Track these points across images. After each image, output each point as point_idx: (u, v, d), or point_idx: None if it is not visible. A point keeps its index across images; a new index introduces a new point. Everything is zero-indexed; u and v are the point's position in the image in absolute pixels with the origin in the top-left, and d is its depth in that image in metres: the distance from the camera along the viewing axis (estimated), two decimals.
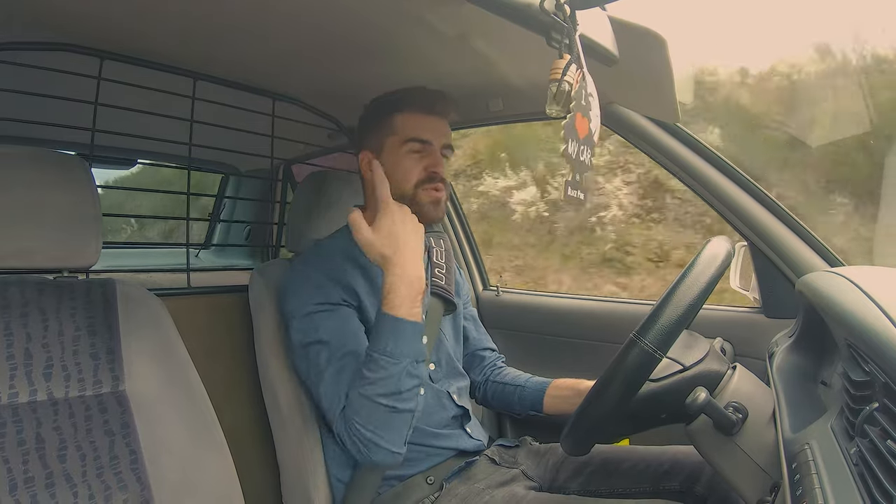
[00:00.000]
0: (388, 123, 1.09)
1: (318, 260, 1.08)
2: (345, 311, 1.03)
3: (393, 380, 0.89)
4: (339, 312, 1.03)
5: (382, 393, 0.89)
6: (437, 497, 1.04)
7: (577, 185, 0.72)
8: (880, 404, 0.53)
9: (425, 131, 1.08)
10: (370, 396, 0.90)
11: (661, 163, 1.24)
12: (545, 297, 1.73)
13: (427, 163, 1.08)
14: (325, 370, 0.99)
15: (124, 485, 0.82)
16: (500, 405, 1.30)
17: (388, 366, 0.89)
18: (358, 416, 0.91)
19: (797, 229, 1.16)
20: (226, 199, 2.34)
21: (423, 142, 1.07)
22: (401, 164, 1.07)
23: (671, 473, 1.03)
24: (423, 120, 1.08)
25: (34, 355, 0.82)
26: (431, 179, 1.07)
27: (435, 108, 1.09)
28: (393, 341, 0.90)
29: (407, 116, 1.08)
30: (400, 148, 1.08)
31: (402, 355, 0.90)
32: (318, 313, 1.02)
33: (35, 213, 0.83)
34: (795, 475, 0.57)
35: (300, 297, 1.04)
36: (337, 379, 0.97)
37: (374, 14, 0.92)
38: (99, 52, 1.09)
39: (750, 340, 1.24)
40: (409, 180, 1.07)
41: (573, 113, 0.67)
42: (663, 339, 0.78)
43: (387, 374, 0.89)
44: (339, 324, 1.02)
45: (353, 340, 1.00)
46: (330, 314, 1.02)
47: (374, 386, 0.90)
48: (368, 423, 0.90)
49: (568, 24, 0.67)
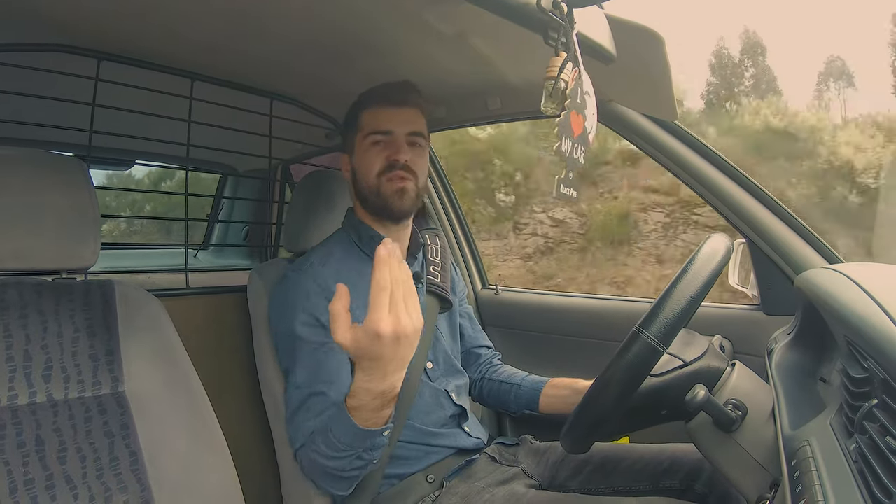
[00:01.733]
0: (356, 123, 1.12)
1: (310, 276, 1.06)
2: (327, 343, 0.99)
3: (342, 461, 0.88)
4: (320, 346, 1.01)
5: (332, 466, 0.90)
6: (438, 495, 1.04)
7: (570, 182, 0.72)
8: (879, 401, 0.53)
9: (385, 122, 1.09)
10: (319, 463, 0.91)
11: (659, 161, 1.24)
12: (544, 295, 1.73)
13: (388, 152, 1.09)
14: (291, 399, 1.01)
15: (124, 486, 0.81)
16: (496, 403, 1.30)
17: (339, 451, 0.87)
18: (308, 468, 0.96)
19: (796, 226, 1.16)
20: (224, 200, 2.33)
21: (383, 133, 1.09)
22: (364, 158, 1.10)
23: (671, 471, 1.03)
24: (383, 112, 1.10)
25: (33, 357, 0.81)
26: (392, 167, 1.08)
27: (393, 97, 1.10)
28: (348, 437, 0.85)
29: (370, 112, 1.10)
30: (364, 143, 1.10)
31: (355, 448, 0.87)
32: (299, 342, 1.02)
33: (33, 214, 0.82)
34: (795, 472, 0.57)
35: (286, 316, 1.04)
36: (299, 415, 0.99)
37: (372, 13, 0.92)
38: (96, 53, 1.08)
39: (749, 338, 1.24)
40: (371, 171, 1.09)
41: (568, 111, 0.67)
42: (666, 333, 0.78)
43: (337, 455, 0.88)
44: (315, 361, 1.00)
45: (324, 381, 0.98)
46: (311, 348, 1.01)
47: (324, 458, 0.90)
48: (315, 475, 0.95)
49: (565, 22, 0.67)
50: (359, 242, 1.13)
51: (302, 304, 1.03)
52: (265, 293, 1.15)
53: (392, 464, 1.04)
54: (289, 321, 1.03)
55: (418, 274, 1.17)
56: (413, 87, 1.11)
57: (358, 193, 1.13)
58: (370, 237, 1.12)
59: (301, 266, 1.09)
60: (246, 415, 1.20)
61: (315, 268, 1.07)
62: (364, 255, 1.12)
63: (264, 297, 1.14)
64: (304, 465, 0.97)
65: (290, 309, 1.03)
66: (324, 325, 1.01)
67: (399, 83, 1.10)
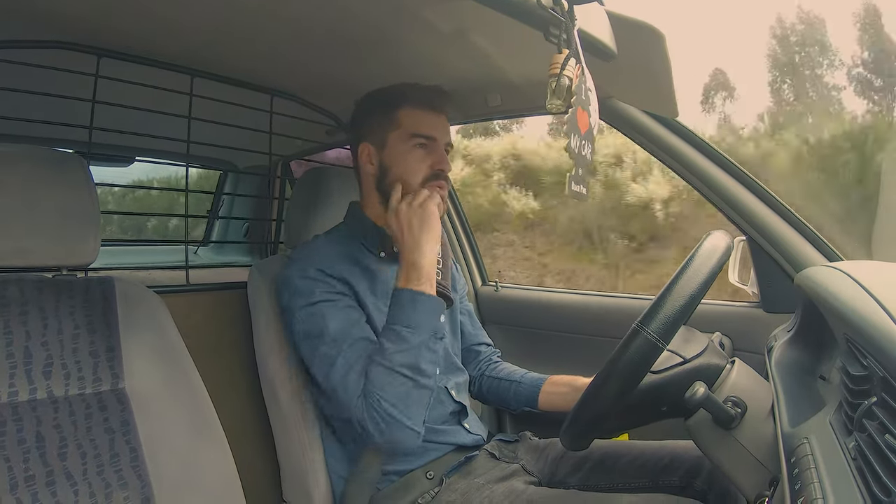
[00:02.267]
0: (392, 118, 1.09)
1: (316, 255, 1.07)
2: (346, 300, 1.04)
3: (413, 351, 0.92)
4: (341, 302, 1.03)
5: (404, 363, 0.92)
6: (438, 492, 1.04)
7: (580, 179, 0.71)
8: (878, 399, 0.53)
9: (431, 128, 1.08)
10: (392, 367, 0.92)
11: (659, 157, 1.24)
12: (544, 292, 1.73)
13: (433, 160, 1.08)
14: (336, 359, 0.98)
15: (125, 482, 0.82)
16: (495, 400, 1.30)
17: (410, 337, 0.92)
18: (380, 391, 0.92)
19: (796, 224, 1.16)
20: (224, 196, 2.33)
21: (428, 138, 1.08)
22: (406, 159, 1.08)
23: (670, 468, 1.03)
24: (427, 116, 1.09)
25: (34, 354, 0.82)
26: (437, 177, 1.08)
27: (438, 104, 1.10)
28: (413, 313, 0.94)
29: (411, 112, 1.08)
30: (405, 143, 1.08)
31: (422, 327, 0.93)
32: (320, 303, 1.02)
33: (33, 211, 0.82)
34: (794, 469, 0.57)
35: (300, 289, 1.03)
36: (350, 366, 0.97)
37: (373, 9, 0.92)
38: (96, 50, 1.08)
39: (749, 335, 1.24)
40: (415, 177, 1.07)
41: (574, 107, 0.67)
42: (666, 329, 0.78)
43: (408, 346, 0.92)
44: (343, 313, 1.02)
45: (359, 328, 1.01)
46: (333, 304, 1.02)
47: (395, 356, 0.92)
48: (391, 396, 0.92)
49: (566, 18, 0.66)
50: (363, 238, 1.13)
51: (314, 277, 1.03)
52: (265, 289, 1.15)
53: (392, 460, 1.04)
54: (305, 294, 1.03)
55: None
56: (450, 97, 1.12)
57: (384, 190, 1.10)
58: (375, 232, 1.12)
59: (305, 249, 1.09)
60: (246, 411, 1.21)
61: (321, 252, 1.08)
62: (366, 251, 1.12)
63: (265, 294, 1.15)
64: (375, 393, 0.92)
65: (306, 283, 1.03)
66: (340, 292, 1.04)
67: (439, 90, 1.10)
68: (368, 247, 1.12)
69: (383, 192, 1.10)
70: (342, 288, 1.04)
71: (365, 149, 1.12)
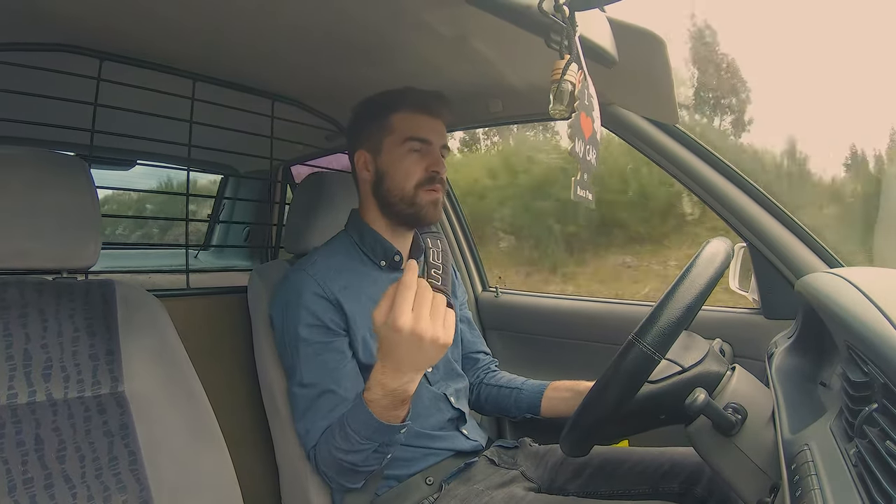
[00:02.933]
0: (386, 123, 1.09)
1: (310, 279, 1.06)
2: (328, 344, 1.03)
3: (361, 455, 0.93)
4: (322, 346, 1.02)
5: (350, 461, 0.94)
6: (437, 498, 1.04)
7: (585, 184, 0.71)
8: (879, 405, 0.53)
9: (425, 131, 1.08)
10: (337, 458, 0.94)
11: (660, 164, 1.24)
12: (544, 298, 1.73)
13: (428, 163, 1.08)
14: (298, 399, 1.03)
15: (123, 486, 0.81)
16: (494, 408, 1.29)
17: (357, 444, 0.92)
18: (323, 464, 0.99)
19: (796, 230, 1.16)
20: (225, 200, 2.33)
21: (423, 141, 1.08)
22: (401, 163, 1.07)
23: (670, 475, 1.03)
24: (421, 119, 1.08)
25: (33, 356, 0.82)
26: (432, 180, 1.07)
27: (433, 108, 1.09)
28: (367, 430, 0.90)
29: (405, 116, 1.08)
30: (399, 147, 1.08)
31: (373, 441, 0.91)
32: (301, 343, 1.02)
33: (34, 213, 0.83)
34: (795, 476, 0.57)
35: (288, 318, 1.05)
36: (309, 414, 1.01)
37: (374, 15, 0.92)
38: (98, 53, 1.09)
39: (749, 341, 1.24)
40: (410, 181, 1.07)
41: (577, 112, 0.67)
42: (662, 341, 0.78)
43: (354, 449, 0.92)
44: (319, 361, 1.02)
45: (331, 379, 1.01)
46: (312, 347, 1.02)
47: (342, 453, 0.94)
48: (331, 470, 0.98)
49: (567, 24, 0.67)
50: (362, 245, 1.13)
51: (305, 305, 1.03)
52: (266, 294, 1.15)
53: (391, 465, 1.04)
54: (292, 322, 1.03)
55: None
56: (447, 100, 1.11)
57: (381, 197, 1.10)
58: (375, 240, 1.12)
59: (303, 266, 1.08)
60: (245, 415, 1.20)
61: (317, 268, 1.07)
62: (367, 259, 1.12)
63: (265, 298, 1.14)
64: (320, 462, 0.99)
65: (293, 309, 1.04)
66: (326, 326, 1.02)
67: (434, 93, 1.10)
68: (369, 255, 1.12)
69: (380, 199, 1.11)
70: (329, 321, 1.03)
71: (361, 156, 1.12)
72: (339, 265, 1.09)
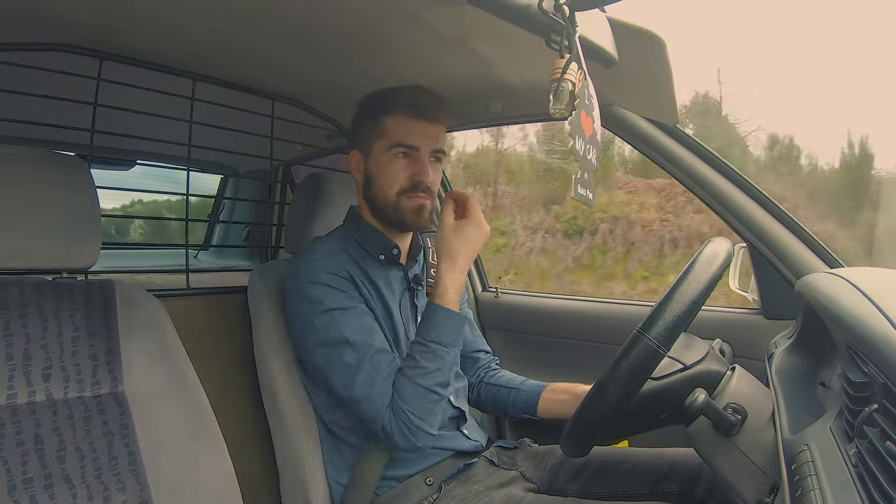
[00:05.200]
0: (378, 125, 1.07)
1: (322, 258, 1.06)
2: (360, 307, 1.04)
3: (446, 370, 0.96)
4: (355, 310, 1.03)
5: (437, 382, 0.96)
6: (436, 499, 1.04)
7: (586, 184, 0.71)
8: (879, 406, 0.53)
9: (413, 137, 1.06)
10: (426, 386, 0.95)
11: (660, 164, 1.24)
12: (544, 298, 1.73)
13: (413, 171, 1.06)
14: (359, 369, 0.98)
15: (123, 485, 0.81)
16: (493, 407, 1.29)
17: (444, 355, 0.96)
18: (408, 405, 0.96)
19: (796, 231, 1.16)
20: (225, 200, 2.33)
21: (410, 147, 1.06)
22: (387, 169, 1.07)
23: (670, 475, 1.03)
24: (412, 124, 1.06)
25: (33, 356, 0.82)
26: (415, 188, 1.06)
27: (428, 112, 1.06)
28: (447, 331, 0.97)
29: (396, 119, 1.06)
30: (387, 152, 1.06)
31: (454, 344, 0.97)
32: (334, 311, 1.01)
33: (34, 213, 0.83)
34: (795, 476, 0.57)
35: (312, 297, 1.02)
36: (375, 377, 0.98)
37: (374, 15, 0.92)
38: (98, 53, 1.09)
39: (749, 342, 1.24)
40: (392, 187, 1.06)
41: (578, 111, 0.67)
42: (667, 335, 0.78)
43: (442, 364, 0.96)
44: (359, 321, 1.02)
45: (377, 337, 1.02)
46: (347, 312, 1.01)
47: (430, 376, 0.95)
48: (419, 410, 0.96)
49: (567, 24, 0.67)
50: (361, 241, 1.13)
51: (324, 277, 1.03)
52: (265, 294, 1.15)
53: (391, 465, 1.04)
54: (316, 295, 1.02)
55: (419, 277, 1.17)
56: (445, 104, 1.08)
57: (369, 200, 1.11)
58: (373, 236, 1.12)
59: (313, 249, 1.09)
60: (245, 416, 1.20)
61: (328, 250, 1.08)
62: (366, 253, 1.12)
63: (265, 298, 1.14)
64: (406, 405, 0.95)
65: (314, 282, 1.03)
66: (349, 294, 1.04)
67: (430, 95, 1.07)
68: (368, 250, 1.12)
69: (369, 200, 1.11)
70: (353, 291, 1.04)
71: (354, 156, 1.12)
72: (340, 254, 1.09)
